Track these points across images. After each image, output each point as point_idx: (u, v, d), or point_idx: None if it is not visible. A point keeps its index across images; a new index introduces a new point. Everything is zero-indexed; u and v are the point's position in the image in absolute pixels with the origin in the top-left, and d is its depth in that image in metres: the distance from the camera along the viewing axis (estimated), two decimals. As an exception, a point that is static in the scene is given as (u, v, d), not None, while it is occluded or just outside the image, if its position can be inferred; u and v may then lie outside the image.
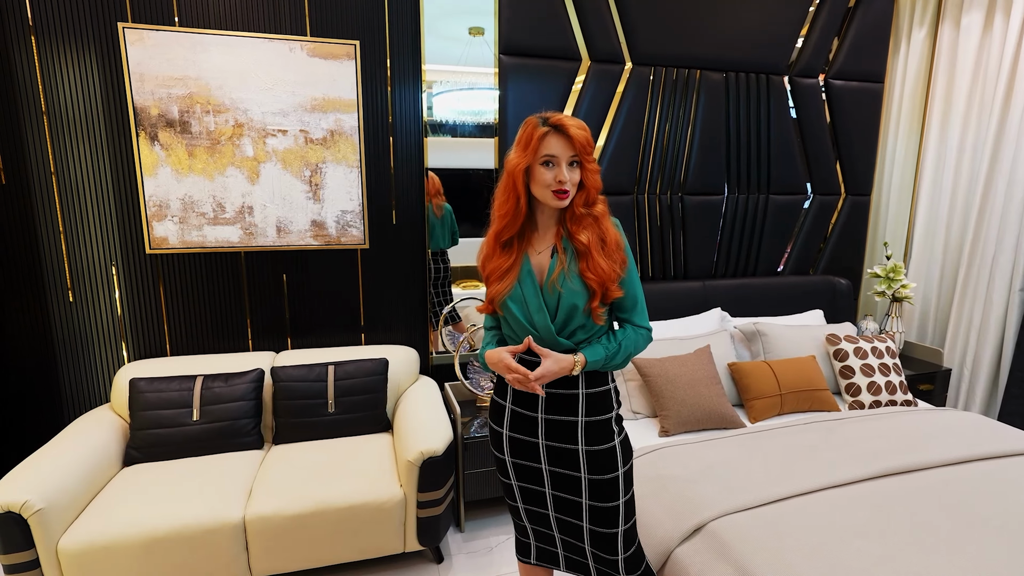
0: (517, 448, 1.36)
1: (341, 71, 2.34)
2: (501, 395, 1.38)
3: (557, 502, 1.36)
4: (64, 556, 1.63)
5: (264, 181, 2.34)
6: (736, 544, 1.46)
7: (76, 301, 2.27)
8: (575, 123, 1.23)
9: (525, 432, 1.34)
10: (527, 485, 1.38)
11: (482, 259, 1.35)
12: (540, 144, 1.23)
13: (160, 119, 2.20)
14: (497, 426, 1.39)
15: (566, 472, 1.32)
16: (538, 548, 1.46)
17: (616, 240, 1.29)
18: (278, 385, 2.19)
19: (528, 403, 1.33)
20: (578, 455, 1.30)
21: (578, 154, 1.24)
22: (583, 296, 1.25)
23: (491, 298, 1.32)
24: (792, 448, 1.93)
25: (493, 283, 1.30)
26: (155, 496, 1.80)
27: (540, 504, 1.39)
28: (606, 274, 1.24)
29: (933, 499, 1.62)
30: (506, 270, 1.29)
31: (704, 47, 2.73)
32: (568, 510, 1.35)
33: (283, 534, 1.78)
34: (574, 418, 1.30)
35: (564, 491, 1.34)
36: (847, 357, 2.48)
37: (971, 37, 2.82)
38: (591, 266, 1.24)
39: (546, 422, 1.31)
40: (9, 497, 1.58)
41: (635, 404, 2.32)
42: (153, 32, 2.14)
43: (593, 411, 1.30)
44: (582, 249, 1.25)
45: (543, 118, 1.25)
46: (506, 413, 1.36)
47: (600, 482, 1.31)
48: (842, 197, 3.14)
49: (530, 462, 1.35)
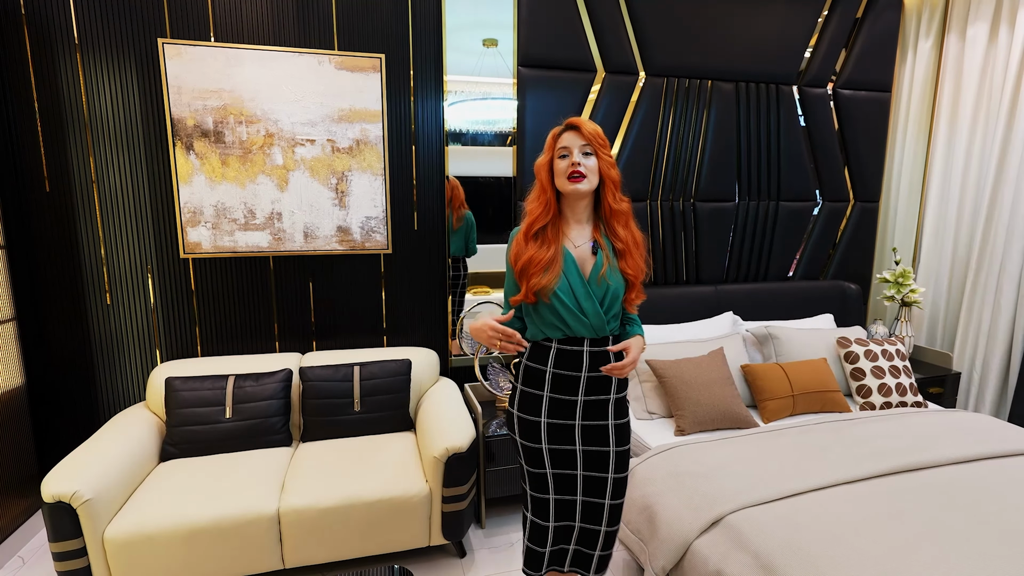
0: (554, 433, 1.43)
1: (367, 83, 2.44)
2: (536, 385, 1.44)
3: (586, 483, 1.46)
4: (110, 545, 1.71)
5: (293, 188, 2.44)
6: (753, 535, 1.53)
7: (113, 304, 2.37)
8: (586, 120, 1.41)
9: (563, 416, 1.43)
10: (561, 471, 1.45)
11: (514, 253, 1.43)
12: (556, 141, 1.42)
13: (196, 129, 2.30)
14: (533, 416, 1.44)
15: (597, 449, 1.45)
16: (551, 553, 1.51)
17: (642, 238, 1.46)
18: (306, 384, 2.28)
19: (567, 389, 1.42)
20: (608, 429, 1.45)
21: (589, 143, 1.38)
22: (623, 288, 1.42)
23: (535, 290, 1.37)
24: (805, 446, 1.99)
25: (535, 275, 1.37)
26: (193, 489, 1.88)
27: (570, 490, 1.46)
28: (640, 269, 1.43)
29: (943, 496, 1.68)
30: (548, 262, 1.37)
31: (715, 58, 2.82)
32: (595, 489, 1.46)
33: (315, 526, 1.86)
34: (607, 396, 1.44)
35: (594, 469, 1.45)
36: (858, 360, 2.54)
37: (977, 47, 2.89)
38: (630, 263, 1.41)
39: (584, 404, 1.43)
40: (59, 488, 1.66)
41: (651, 405, 2.39)
42: (190, 47, 2.25)
43: (620, 389, 1.47)
44: (621, 248, 1.42)
45: (561, 123, 1.44)
46: (544, 401, 1.43)
47: (622, 453, 1.47)
48: (851, 204, 3.21)
49: (565, 445, 1.44)
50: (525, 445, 1.46)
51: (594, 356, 1.41)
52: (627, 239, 1.41)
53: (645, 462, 2.00)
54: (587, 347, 1.40)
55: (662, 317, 2.79)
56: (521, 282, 1.40)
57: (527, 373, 1.46)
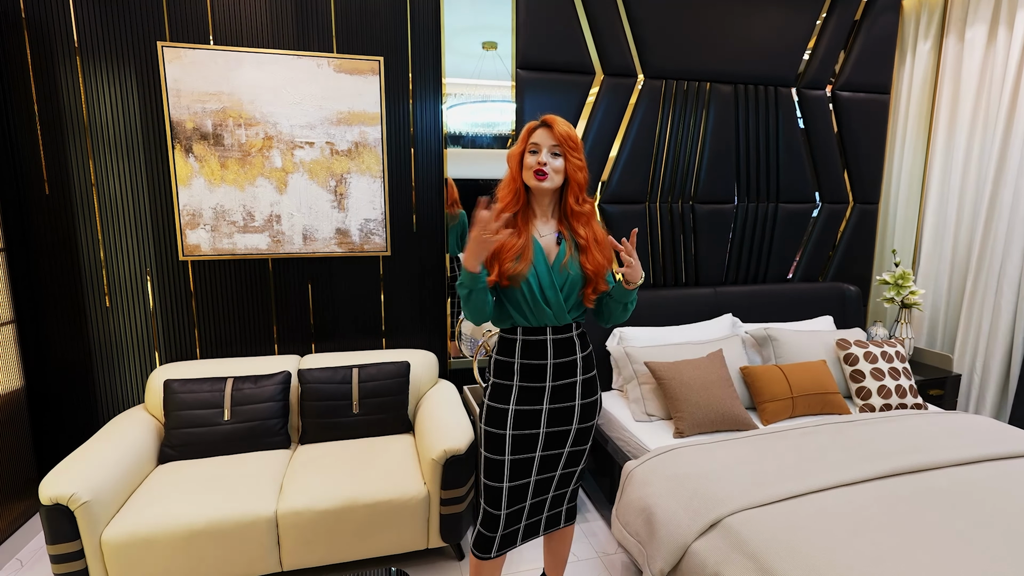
0: (520, 419, 1.50)
1: (366, 86, 2.45)
2: (506, 376, 1.51)
3: (542, 462, 1.55)
4: (107, 548, 1.71)
5: (292, 191, 2.44)
6: (752, 538, 1.52)
7: (112, 306, 2.37)
8: (560, 121, 1.46)
9: (530, 403, 1.51)
10: (519, 456, 1.52)
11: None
12: (529, 136, 1.48)
13: (195, 132, 2.31)
14: (502, 403, 1.51)
15: (559, 429, 1.54)
16: (502, 537, 1.58)
17: (604, 237, 1.53)
18: (305, 387, 2.28)
19: (535, 376, 1.50)
20: (574, 409, 1.54)
21: (559, 144, 1.44)
22: (581, 280, 1.49)
23: (507, 275, 1.43)
24: (804, 448, 1.98)
25: (507, 261, 1.43)
26: (191, 491, 1.88)
27: (524, 474, 1.54)
28: (600, 266, 1.49)
29: (944, 498, 1.67)
30: (519, 249, 1.44)
31: (714, 61, 2.82)
32: (548, 465, 1.56)
33: (313, 529, 1.85)
34: (573, 379, 1.53)
35: (552, 448, 1.54)
36: (857, 361, 2.54)
37: (975, 49, 2.89)
38: (589, 259, 1.48)
39: (552, 388, 1.51)
40: (57, 490, 1.66)
41: (650, 407, 2.38)
42: (190, 50, 2.26)
43: (586, 370, 1.56)
44: (582, 243, 1.49)
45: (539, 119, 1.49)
46: (513, 391, 1.50)
47: (583, 429, 1.57)
48: (850, 206, 3.21)
49: (529, 430, 1.51)
50: (489, 431, 1.52)
51: (557, 344, 1.50)
52: (588, 236, 1.49)
53: (644, 464, 1.99)
54: (550, 335, 1.50)
55: (661, 319, 2.79)
56: (492, 266, 1.44)
57: (497, 366, 1.54)
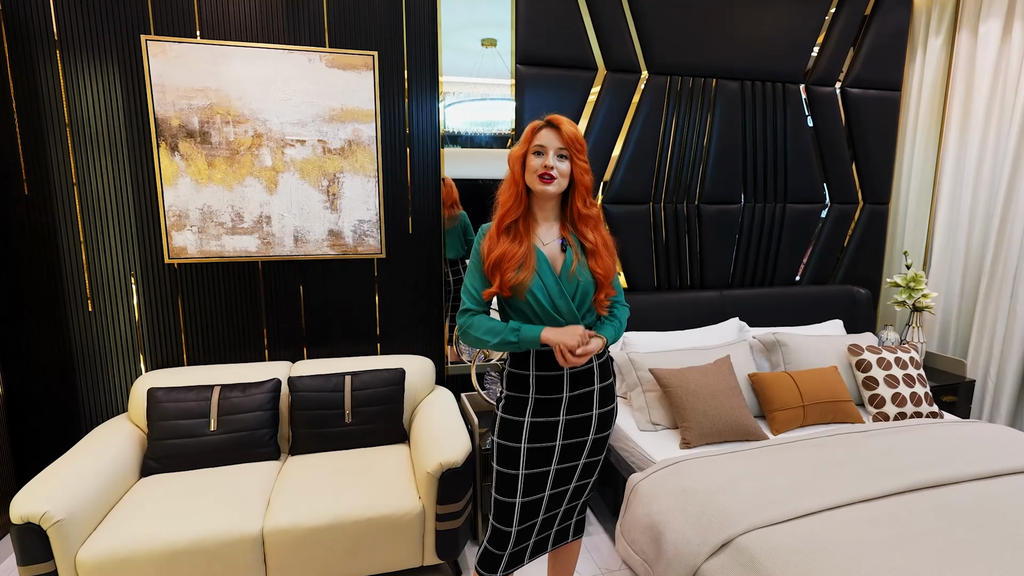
0: (536, 432, 1.44)
1: (359, 82, 2.36)
2: (522, 389, 1.44)
3: (556, 475, 1.48)
4: (83, 569, 1.61)
5: (282, 191, 2.35)
6: (766, 559, 1.43)
7: (95, 311, 2.27)
8: (567, 121, 1.39)
9: (547, 414, 1.44)
10: (533, 471, 1.45)
11: (486, 248, 1.42)
12: (534, 136, 1.40)
13: (181, 130, 2.21)
14: (517, 416, 1.44)
15: (575, 440, 1.47)
16: (510, 555, 1.51)
17: (611, 241, 1.48)
18: (295, 395, 2.18)
19: (552, 388, 1.43)
20: (591, 420, 1.48)
21: (566, 147, 1.38)
22: (593, 286, 1.43)
23: (510, 285, 1.37)
24: (818, 461, 1.89)
25: (508, 271, 1.36)
26: (173, 508, 1.78)
27: (538, 489, 1.47)
28: (610, 270, 1.44)
29: (966, 514, 1.58)
30: (521, 257, 1.37)
31: (720, 56, 2.73)
32: (563, 479, 1.49)
33: (302, 547, 1.76)
34: (590, 387, 1.47)
35: (567, 460, 1.48)
36: (870, 368, 2.44)
37: (989, 45, 2.80)
38: (600, 263, 1.42)
39: (569, 399, 1.44)
40: (28, 508, 1.57)
41: (655, 416, 2.29)
42: (175, 44, 2.16)
43: (604, 377, 1.49)
44: (591, 248, 1.43)
45: (543, 118, 1.42)
46: (529, 403, 1.44)
47: (599, 439, 1.51)
48: (860, 206, 3.12)
49: (545, 443, 1.45)
50: (502, 444, 1.46)
51: None
52: (596, 240, 1.43)
53: (649, 477, 1.90)
54: None
55: (666, 323, 2.69)
56: (493, 277, 1.38)
57: (511, 379, 1.47)
